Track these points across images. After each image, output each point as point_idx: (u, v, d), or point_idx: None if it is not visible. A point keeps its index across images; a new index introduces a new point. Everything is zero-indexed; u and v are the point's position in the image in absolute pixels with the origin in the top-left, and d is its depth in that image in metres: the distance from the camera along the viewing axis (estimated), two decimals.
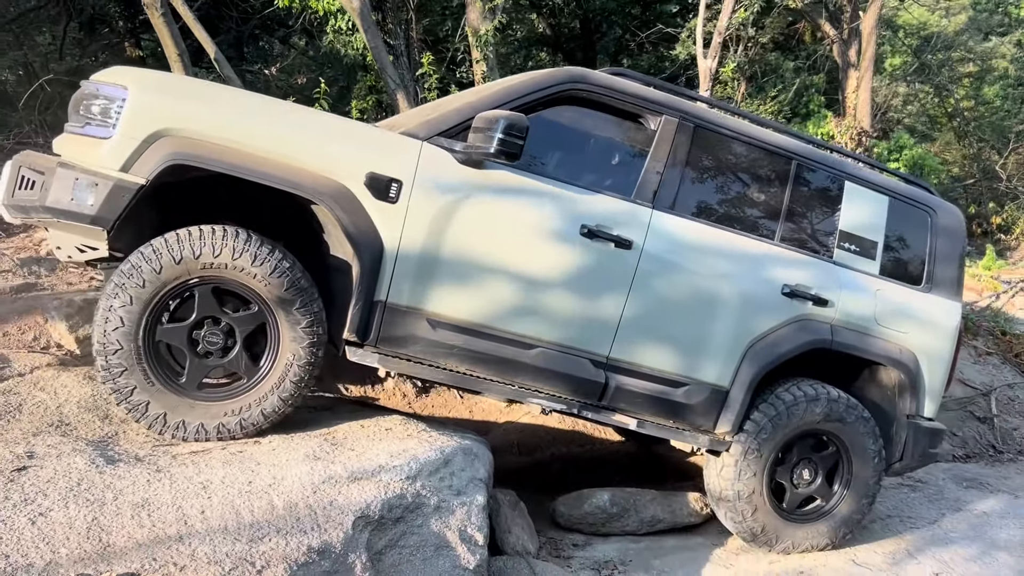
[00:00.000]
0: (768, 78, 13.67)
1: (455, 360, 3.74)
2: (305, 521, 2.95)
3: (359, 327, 3.60)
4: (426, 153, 3.61)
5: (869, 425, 4.43)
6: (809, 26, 14.18)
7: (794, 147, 4.42)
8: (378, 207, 3.52)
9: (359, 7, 7.32)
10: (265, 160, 3.39)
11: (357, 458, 3.45)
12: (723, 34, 8.88)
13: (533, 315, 3.79)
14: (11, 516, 2.59)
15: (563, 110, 3.99)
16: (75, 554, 2.51)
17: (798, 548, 4.41)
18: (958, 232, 4.86)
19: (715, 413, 4.14)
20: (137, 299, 3.29)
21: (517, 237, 3.71)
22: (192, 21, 6.90)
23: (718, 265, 4.06)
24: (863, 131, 10.85)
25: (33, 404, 3.69)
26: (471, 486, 3.60)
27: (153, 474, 3.05)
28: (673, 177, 4.04)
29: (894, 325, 4.49)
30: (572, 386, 3.90)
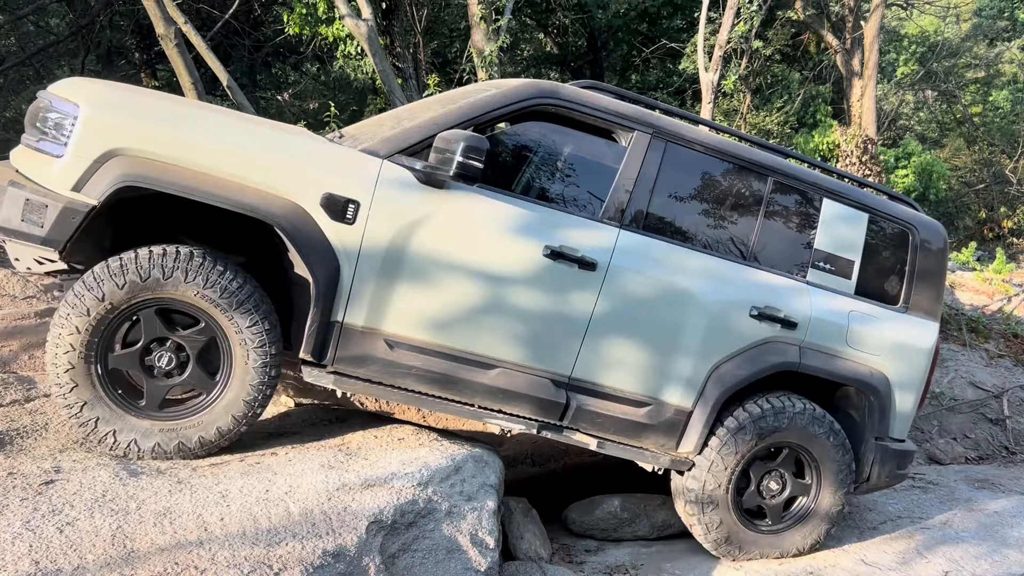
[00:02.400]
0: (774, 89, 13.78)
1: (413, 380, 3.68)
2: (320, 526, 3.06)
3: (315, 347, 3.55)
4: (386, 172, 3.54)
5: (839, 438, 4.38)
6: (813, 37, 14.28)
7: (770, 163, 4.31)
8: (335, 228, 3.45)
9: (367, 32, 7.50)
10: (218, 180, 3.33)
11: (370, 466, 3.56)
12: (724, 48, 9.00)
13: (494, 335, 3.74)
14: (40, 525, 2.71)
15: (531, 125, 3.96)
16: (101, 559, 2.62)
17: (766, 557, 4.39)
18: (940, 251, 4.74)
19: (678, 433, 4.10)
20: (84, 327, 3.24)
21: (478, 258, 3.65)
22: (205, 51, 7.10)
23: (685, 287, 3.98)
24: (868, 139, 10.90)
25: (58, 423, 3.82)
26: (482, 492, 3.69)
27: (174, 485, 3.17)
28: (643, 195, 3.97)
29: (866, 347, 4.42)
30: (533, 406, 3.85)
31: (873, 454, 4.56)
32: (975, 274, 10.66)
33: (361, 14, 7.60)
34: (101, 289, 3.23)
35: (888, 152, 11.89)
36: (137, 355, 3.39)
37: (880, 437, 4.57)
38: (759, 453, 4.30)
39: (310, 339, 3.52)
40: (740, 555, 4.35)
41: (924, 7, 17.13)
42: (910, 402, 4.63)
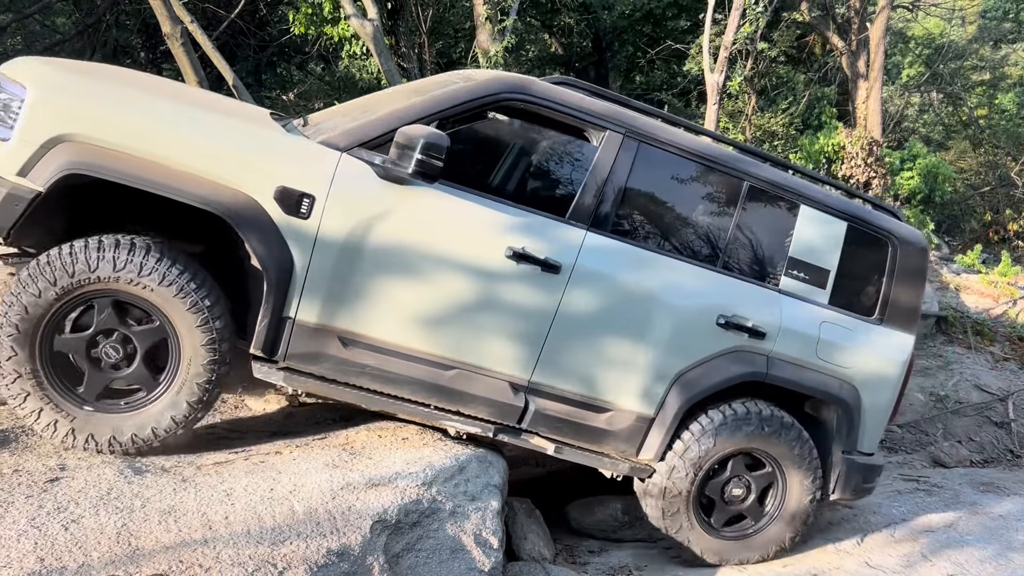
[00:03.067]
0: (779, 91, 13.76)
1: (367, 379, 3.62)
2: (324, 525, 3.06)
3: (266, 343, 3.48)
4: (344, 167, 3.45)
5: (805, 445, 4.32)
6: (818, 39, 14.27)
7: (746, 167, 4.19)
8: (289, 222, 3.37)
9: (372, 32, 7.50)
10: (169, 170, 3.23)
11: (375, 466, 3.56)
12: (729, 49, 8.99)
13: (451, 336, 3.67)
14: (45, 523, 2.72)
15: (500, 121, 3.86)
16: (106, 557, 2.63)
17: (727, 564, 4.37)
18: (920, 263, 4.63)
19: (639, 441, 4.04)
20: (33, 309, 3.16)
21: (438, 258, 3.57)
22: (211, 50, 7.11)
23: (651, 293, 3.90)
24: (874, 141, 10.88)
25: None
26: (486, 492, 3.69)
27: (179, 483, 3.18)
28: (612, 197, 3.86)
29: (836, 359, 4.33)
30: (490, 409, 3.79)
31: (839, 467, 4.49)
32: (980, 277, 10.64)
33: (367, 14, 7.61)
34: (46, 278, 3.15)
35: (893, 154, 11.86)
36: (84, 342, 3.30)
37: (848, 450, 4.50)
38: (723, 459, 4.25)
39: (261, 334, 3.45)
40: (692, 559, 4.31)
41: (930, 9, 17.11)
42: (880, 416, 4.57)
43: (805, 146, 11.23)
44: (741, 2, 8.94)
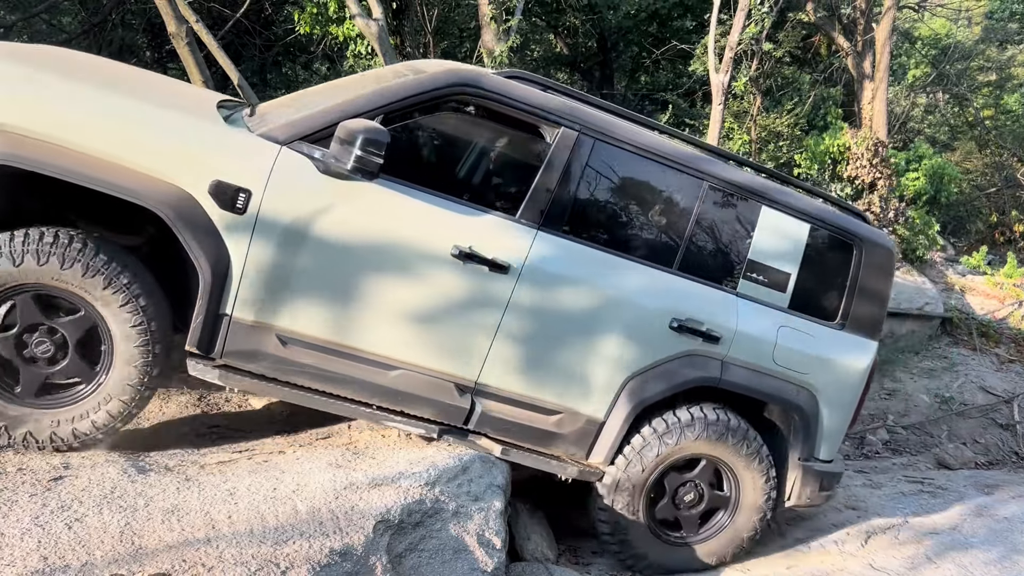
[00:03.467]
0: (784, 91, 13.72)
1: (306, 379, 3.55)
2: (327, 525, 3.06)
3: (201, 340, 3.39)
4: (282, 161, 3.36)
5: (754, 447, 4.25)
6: (824, 39, 14.23)
7: (705, 166, 4.08)
8: (224, 217, 3.28)
9: (377, 32, 7.50)
10: (100, 162, 3.14)
11: (378, 465, 3.57)
12: (734, 49, 8.97)
13: (395, 336, 3.58)
14: (49, 521, 2.73)
15: (449, 116, 3.76)
16: (109, 556, 2.63)
17: (672, 572, 4.31)
18: (886, 267, 4.52)
19: (588, 444, 3.98)
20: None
21: (381, 256, 3.48)
22: (216, 49, 7.10)
23: (602, 294, 3.81)
24: (879, 142, 10.83)
25: None
26: (489, 492, 3.69)
27: (182, 482, 3.19)
28: (565, 196, 3.77)
29: (794, 365, 4.24)
30: (434, 410, 3.73)
31: (796, 474, 4.43)
32: (986, 278, 10.60)
33: (372, 14, 7.61)
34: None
35: (899, 155, 11.82)
36: (12, 340, 3.24)
37: (805, 457, 4.43)
38: (675, 464, 4.20)
39: (196, 331, 3.37)
40: (652, 570, 4.27)
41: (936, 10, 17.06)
42: (839, 423, 4.50)
43: (810, 147, 11.19)
44: (746, 3, 8.92)
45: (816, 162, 11.03)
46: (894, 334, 9.06)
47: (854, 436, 7.59)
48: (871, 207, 10.57)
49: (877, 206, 10.55)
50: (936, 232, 11.00)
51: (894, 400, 8.27)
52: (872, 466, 6.89)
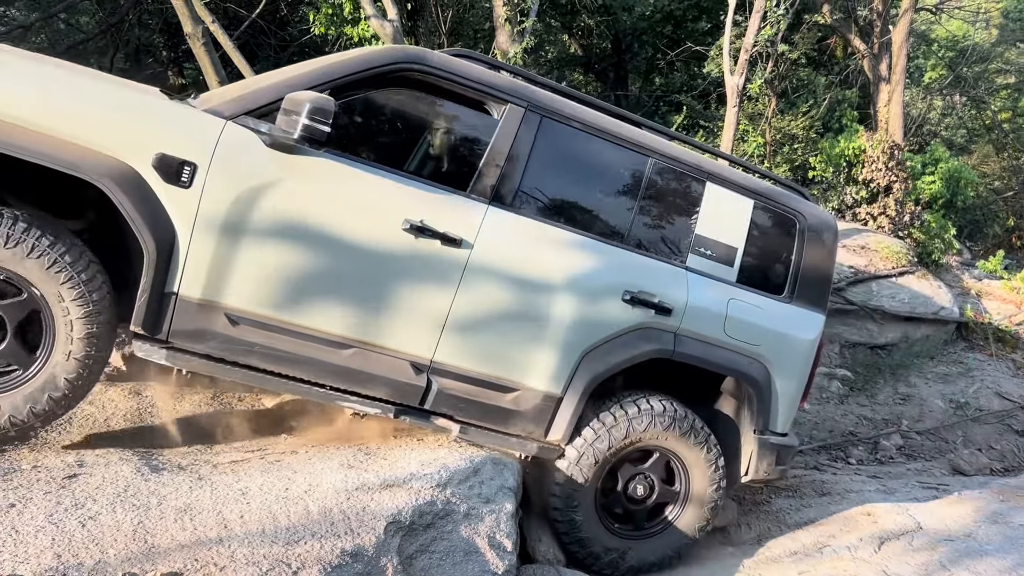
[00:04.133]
0: (800, 93, 13.67)
1: (256, 359, 3.45)
2: (339, 525, 3.07)
3: (147, 319, 3.29)
4: (228, 135, 3.29)
5: (701, 436, 4.27)
6: (840, 41, 14.17)
7: (650, 144, 4.16)
8: (169, 191, 3.20)
9: (392, 33, 7.52)
10: (37, 135, 3.04)
11: (389, 467, 3.57)
12: (750, 51, 8.94)
13: (348, 314, 3.52)
14: (63, 519, 2.74)
15: (396, 92, 3.73)
16: (122, 554, 2.64)
17: (628, 562, 4.28)
18: (828, 241, 4.64)
19: (547, 421, 3.96)
20: None
21: (331, 230, 3.42)
22: (232, 50, 7.15)
23: (555, 268, 3.82)
24: (895, 144, 10.78)
25: (83, 417, 3.87)
26: (500, 494, 3.69)
27: (195, 481, 3.20)
28: (514, 171, 3.79)
29: (745, 337, 4.30)
30: (390, 389, 3.65)
31: (752, 447, 4.48)
32: (1003, 283, 10.52)
33: (387, 15, 7.63)
34: None
35: (915, 158, 11.75)
36: None
37: (760, 430, 4.49)
38: (628, 456, 4.21)
39: (141, 310, 3.26)
40: (603, 559, 4.22)
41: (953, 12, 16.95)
42: (791, 395, 4.55)
43: (825, 149, 11.15)
44: (762, 4, 8.89)
45: (831, 165, 10.98)
46: (909, 338, 9.00)
47: (867, 441, 7.56)
48: (887, 210, 10.52)
49: (892, 209, 10.50)
50: (952, 236, 10.93)
51: (908, 405, 8.22)
52: (886, 471, 6.85)
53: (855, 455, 7.27)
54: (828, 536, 4.97)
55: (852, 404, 8.29)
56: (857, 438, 7.57)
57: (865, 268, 9.25)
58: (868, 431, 7.78)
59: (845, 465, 7.03)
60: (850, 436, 7.62)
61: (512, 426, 3.92)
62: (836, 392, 8.36)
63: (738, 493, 5.52)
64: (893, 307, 8.99)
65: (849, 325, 8.93)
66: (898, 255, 9.71)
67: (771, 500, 5.61)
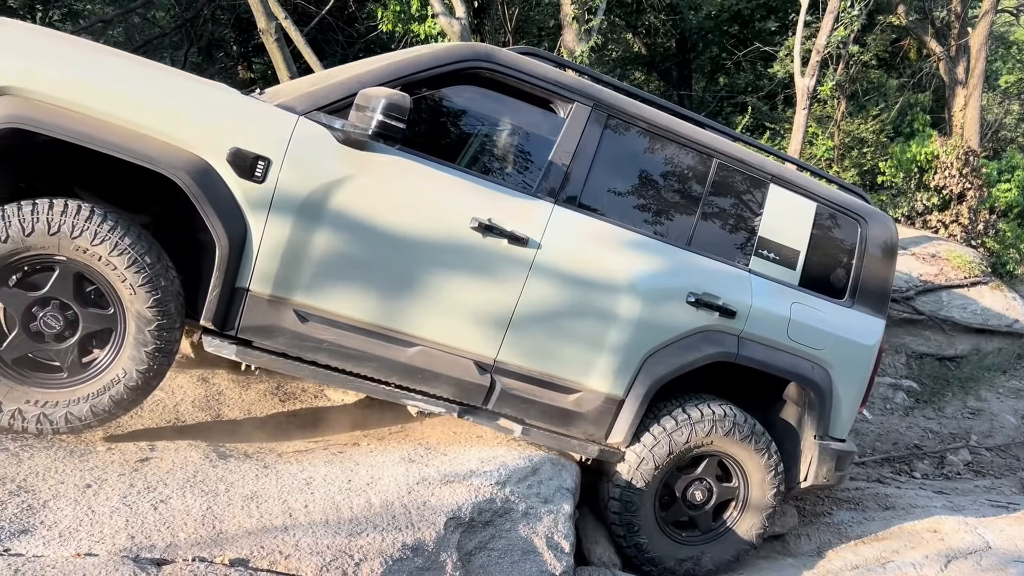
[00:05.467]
0: (870, 96, 13.34)
1: (324, 355, 3.46)
2: (400, 519, 3.10)
3: (217, 314, 3.30)
4: (301, 130, 3.31)
5: (762, 441, 4.22)
6: (914, 43, 13.79)
7: (715, 144, 4.15)
8: (242, 186, 3.21)
9: (459, 31, 7.56)
10: (115, 128, 3.06)
11: (449, 462, 3.59)
12: (821, 52, 8.75)
13: (414, 311, 3.52)
14: (136, 501, 2.82)
15: (464, 90, 3.73)
16: (192, 538, 2.71)
17: (682, 568, 4.22)
18: (889, 246, 4.58)
19: (608, 423, 3.92)
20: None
21: (400, 228, 3.42)
22: (303, 46, 7.28)
23: (619, 269, 3.78)
24: (970, 150, 10.44)
25: (153, 402, 3.97)
26: (558, 495, 3.68)
27: (261, 469, 3.26)
28: (580, 171, 3.78)
29: (808, 341, 4.25)
30: (454, 389, 3.65)
31: (812, 452, 4.41)
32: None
33: (455, 12, 7.67)
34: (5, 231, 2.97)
35: (990, 165, 11.37)
36: (28, 301, 3.10)
37: (820, 435, 4.41)
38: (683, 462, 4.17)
39: (212, 305, 3.28)
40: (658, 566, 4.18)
41: None
42: (852, 400, 4.50)
43: (896, 154, 10.86)
44: (835, 5, 8.69)
45: (902, 170, 10.70)
46: (980, 351, 8.73)
47: (933, 455, 7.35)
48: (959, 218, 10.22)
49: (966, 217, 10.19)
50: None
51: (978, 420, 7.97)
52: (953, 487, 6.65)
53: (920, 469, 7.07)
54: (891, 551, 4.85)
55: (918, 416, 8.07)
56: (923, 452, 7.36)
57: (935, 277, 8.99)
58: (934, 445, 7.56)
59: (909, 479, 6.84)
60: (915, 449, 7.42)
61: (573, 428, 3.90)
62: (901, 403, 8.14)
63: (798, 503, 5.42)
64: (964, 318, 8.73)
65: (916, 335, 8.69)
66: (970, 265, 9.42)
67: (832, 512, 5.49)
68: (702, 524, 4.30)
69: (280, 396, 4.48)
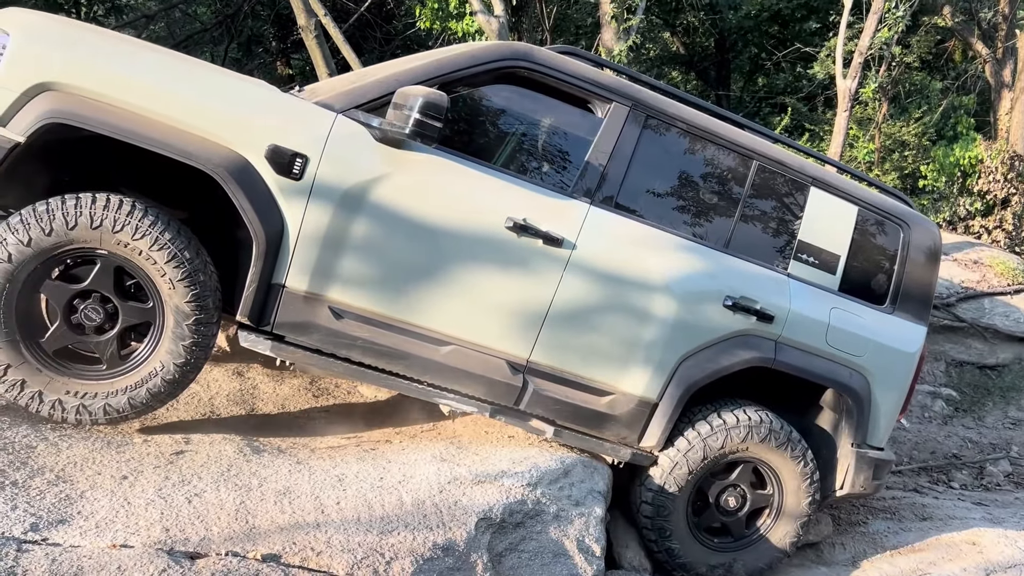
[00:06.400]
0: (912, 99, 13.10)
1: (358, 353, 3.47)
2: (431, 518, 3.09)
3: (253, 310, 3.32)
4: (339, 127, 3.32)
5: (798, 449, 4.15)
6: (959, 44, 13.51)
7: (754, 146, 4.09)
8: (280, 183, 3.23)
9: (497, 29, 7.55)
10: (155, 123, 3.09)
11: (481, 462, 3.58)
12: (864, 54, 8.61)
13: (448, 310, 3.52)
14: (171, 494, 2.85)
15: (502, 89, 3.70)
16: (225, 532, 2.73)
17: (714, 575, 4.16)
18: (932, 251, 4.49)
19: (640, 426, 3.87)
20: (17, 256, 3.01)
21: (435, 226, 3.42)
22: (342, 42, 7.32)
23: (656, 271, 3.75)
24: (1016, 155, 10.21)
25: (188, 395, 4.01)
26: (590, 498, 3.66)
27: (294, 465, 3.28)
28: (617, 171, 3.74)
29: (847, 347, 4.18)
30: (486, 388, 3.64)
31: (848, 460, 4.33)
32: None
33: (493, 10, 7.66)
34: (27, 233, 3.00)
35: None
36: (70, 294, 3.14)
37: (858, 443, 4.32)
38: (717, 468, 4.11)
39: (248, 300, 3.30)
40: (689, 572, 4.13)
41: None
42: (891, 408, 4.40)
43: (938, 158, 10.66)
44: (879, 6, 8.53)
45: (944, 174, 10.50)
46: (1022, 360, 8.53)
47: (972, 465, 7.19)
48: (1003, 224, 10.01)
49: (1010, 223, 9.98)
50: None
51: (1019, 430, 7.79)
52: (993, 499, 6.50)
53: (958, 479, 6.92)
54: (928, 563, 4.75)
55: (956, 425, 7.90)
56: (961, 462, 7.21)
57: (977, 284, 8.80)
58: (973, 455, 7.40)
59: (947, 489, 6.70)
60: (953, 459, 7.27)
61: (606, 430, 3.87)
62: (940, 412, 7.98)
63: (833, 511, 5.34)
64: (1007, 326, 8.53)
65: (956, 343, 8.51)
66: (1014, 272, 9.21)
67: (868, 521, 5.39)
68: (735, 531, 4.24)
69: (314, 391, 4.50)
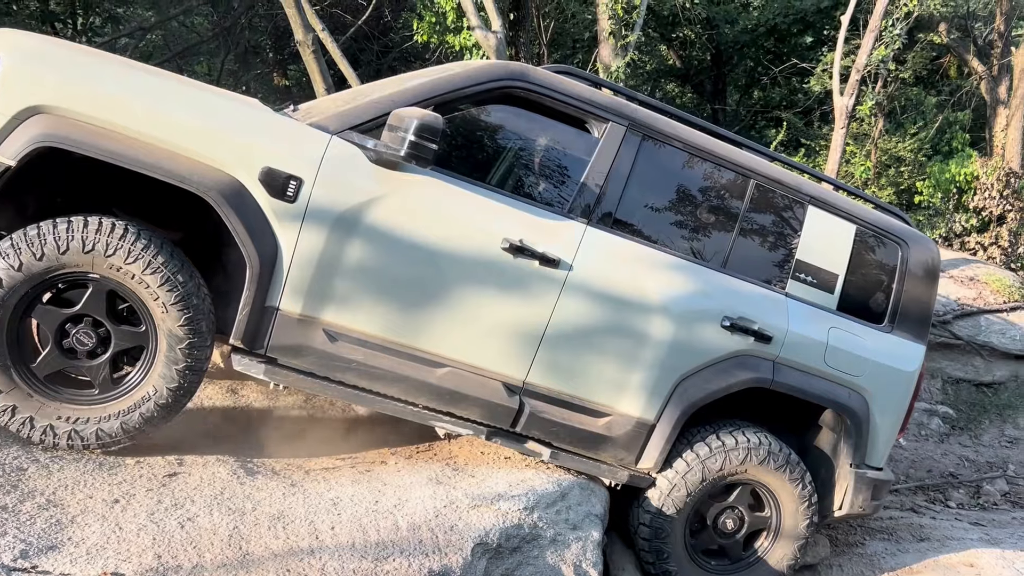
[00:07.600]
0: (908, 114, 13.16)
1: (353, 375, 3.43)
2: (427, 544, 3.06)
3: (247, 333, 3.29)
4: (333, 149, 3.29)
5: (797, 472, 4.12)
6: (955, 61, 13.59)
7: (752, 165, 4.08)
8: (274, 205, 3.20)
9: (495, 44, 7.54)
10: (148, 146, 3.07)
11: (477, 485, 3.55)
12: (861, 72, 8.63)
13: (443, 332, 3.50)
14: (163, 519, 2.81)
15: (497, 109, 3.69)
16: (218, 559, 2.69)
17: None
18: (931, 269, 4.46)
19: (638, 448, 3.85)
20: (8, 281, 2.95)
21: (430, 248, 3.40)
22: (339, 57, 7.31)
23: (653, 292, 3.72)
24: (1012, 172, 10.25)
25: (181, 412, 3.96)
26: (587, 521, 3.63)
27: (288, 488, 3.24)
28: (614, 191, 3.72)
29: (845, 367, 4.16)
30: (482, 410, 3.60)
31: (847, 481, 4.31)
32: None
33: (491, 26, 7.66)
34: (18, 258, 2.95)
35: None
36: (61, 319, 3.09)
37: (856, 464, 4.30)
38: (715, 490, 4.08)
39: (242, 324, 3.27)
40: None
41: None
42: (890, 428, 4.38)
43: (934, 174, 10.70)
44: (876, 24, 8.56)
45: (940, 190, 10.54)
46: (1019, 378, 8.53)
47: (969, 484, 7.17)
48: (999, 240, 10.03)
49: (1005, 240, 10.00)
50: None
51: (1016, 449, 7.78)
52: (990, 519, 6.48)
53: (955, 498, 6.90)
54: None
55: (953, 443, 7.89)
56: (958, 480, 7.19)
57: (973, 301, 8.81)
58: (970, 474, 7.39)
59: (944, 508, 6.68)
60: (950, 478, 7.25)
61: (603, 452, 3.84)
62: (936, 430, 7.97)
63: (830, 532, 5.31)
64: (1003, 344, 8.53)
65: (953, 360, 8.50)
66: (1010, 289, 9.22)
67: (865, 542, 5.37)
68: (732, 553, 4.21)
69: (308, 410, 4.46)
